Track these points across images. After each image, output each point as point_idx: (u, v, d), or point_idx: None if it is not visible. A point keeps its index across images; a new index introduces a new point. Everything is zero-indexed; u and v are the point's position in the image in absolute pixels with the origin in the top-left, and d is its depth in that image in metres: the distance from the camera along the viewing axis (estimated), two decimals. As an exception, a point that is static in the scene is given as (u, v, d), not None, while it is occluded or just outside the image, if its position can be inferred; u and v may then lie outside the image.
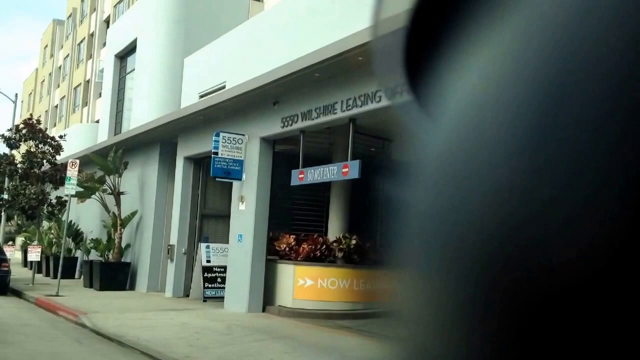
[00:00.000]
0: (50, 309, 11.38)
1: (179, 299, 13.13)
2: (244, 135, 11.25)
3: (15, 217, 23.67)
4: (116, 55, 20.08)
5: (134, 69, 18.58)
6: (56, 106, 40.03)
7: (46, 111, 41.15)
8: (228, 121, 11.75)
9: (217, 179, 11.40)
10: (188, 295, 13.31)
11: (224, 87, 12.88)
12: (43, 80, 45.21)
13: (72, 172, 13.21)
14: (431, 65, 0.34)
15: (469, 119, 0.27)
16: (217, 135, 11.12)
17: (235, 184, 11.56)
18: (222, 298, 11.89)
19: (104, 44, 26.43)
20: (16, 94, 21.61)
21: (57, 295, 12.82)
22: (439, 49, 0.34)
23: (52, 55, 42.99)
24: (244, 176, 11.29)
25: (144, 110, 16.05)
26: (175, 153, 14.38)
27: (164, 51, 16.44)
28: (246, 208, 11.21)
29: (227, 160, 11.10)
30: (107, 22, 30.65)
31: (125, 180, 15.67)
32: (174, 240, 13.93)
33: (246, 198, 11.27)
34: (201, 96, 13.95)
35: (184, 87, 14.67)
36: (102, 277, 14.86)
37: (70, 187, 13.22)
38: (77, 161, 13.67)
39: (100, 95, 29.06)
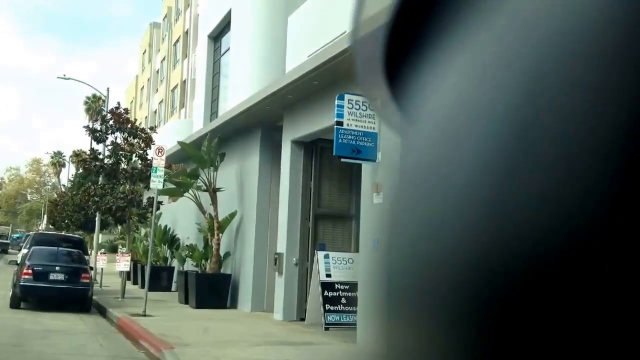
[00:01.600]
0: (132, 334, 8.82)
1: (292, 325, 10.16)
2: (377, 99, 8.07)
3: (112, 222, 22.13)
4: (209, 36, 17.82)
5: (228, 49, 16.14)
6: (155, 111, 39.42)
7: (145, 117, 40.71)
8: (354, 85, 8.63)
9: (342, 160, 8.26)
10: (303, 319, 10.30)
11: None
12: (142, 87, 45.08)
13: (158, 162, 10.71)
14: (411, 67, 0.35)
15: (447, 122, 0.28)
16: (341, 98, 8.02)
17: (366, 167, 8.43)
18: (350, 325, 8.79)
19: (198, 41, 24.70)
20: (107, 88, 20.27)
21: (144, 315, 10.35)
22: (419, 51, 0.34)
23: (150, 60, 42.66)
24: (379, 156, 8.10)
25: (242, 91, 13.38)
26: (279, 140, 11.52)
27: (263, 16, 13.71)
28: (383, 201, 7.99)
29: (355, 133, 7.99)
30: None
31: (221, 175, 13.08)
32: (281, 247, 11.04)
33: (383, 187, 8.06)
34: (312, 59, 10.96)
35: (289, 51, 11.71)
36: (198, 291, 12.31)
37: (157, 180, 10.71)
38: (164, 147, 11.18)
39: (195, 96, 27.50)
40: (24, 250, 15.11)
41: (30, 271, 11.57)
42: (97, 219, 19.48)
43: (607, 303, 0.19)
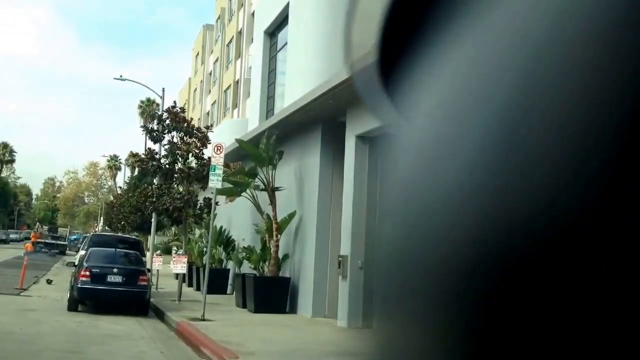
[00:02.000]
0: (192, 341, 8.35)
1: (358, 333, 9.50)
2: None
3: (168, 223, 22.08)
4: (265, 32, 17.39)
5: (285, 44, 15.65)
6: (208, 113, 39.62)
7: (198, 119, 41.01)
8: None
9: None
10: (370, 326, 9.60)
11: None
12: (195, 89, 45.51)
13: (217, 160, 10.27)
14: (405, 65, 0.36)
15: (441, 119, 0.29)
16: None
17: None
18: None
19: (252, 40, 24.41)
20: (163, 89, 20.25)
21: (203, 320, 9.91)
22: (413, 49, 0.35)
23: (202, 62, 42.97)
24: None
25: (300, 87, 12.83)
26: (342, 136, 10.87)
27: (322, 7, 13.11)
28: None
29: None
30: (254, 15, 28.90)
31: (279, 174, 12.55)
32: (345, 249, 10.37)
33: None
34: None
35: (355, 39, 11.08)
36: (256, 295, 11.81)
37: (215, 179, 10.27)
38: (223, 145, 10.73)
39: (249, 95, 27.41)
40: (82, 252, 15.03)
41: (87, 273, 11.33)
42: (153, 220, 19.40)
43: (600, 299, 0.19)
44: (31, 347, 7.17)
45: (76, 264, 13.85)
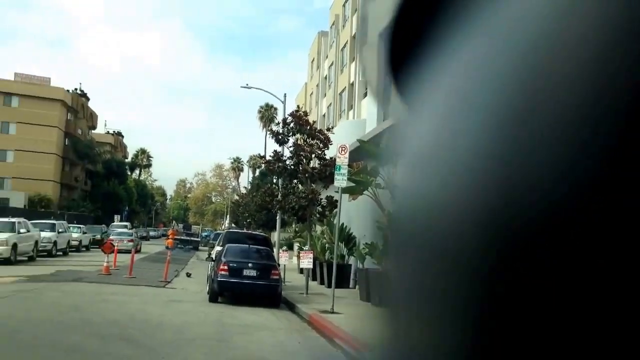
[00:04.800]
0: (326, 333, 8.85)
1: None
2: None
3: (291, 221, 23.08)
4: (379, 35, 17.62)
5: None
6: (324, 115, 40.60)
7: (314, 121, 42.12)
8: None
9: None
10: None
11: None
12: (311, 93, 46.74)
13: (341, 160, 10.73)
14: (414, 62, 0.37)
15: (447, 113, 0.29)
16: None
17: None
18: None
19: (366, 42, 24.75)
20: (284, 94, 21.19)
21: (332, 312, 10.40)
22: (423, 45, 0.36)
23: (318, 67, 44.08)
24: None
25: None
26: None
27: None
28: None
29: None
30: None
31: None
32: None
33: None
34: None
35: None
36: (381, 289, 12.09)
37: (340, 179, 10.73)
38: (347, 146, 11.16)
39: (365, 95, 27.65)
40: (218, 248, 16.21)
41: (226, 267, 12.26)
42: (277, 217, 20.39)
43: (599, 296, 0.19)
44: (184, 335, 8.01)
45: (214, 258, 15.00)
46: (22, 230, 20.00)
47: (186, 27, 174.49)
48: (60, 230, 25.20)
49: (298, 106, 15.98)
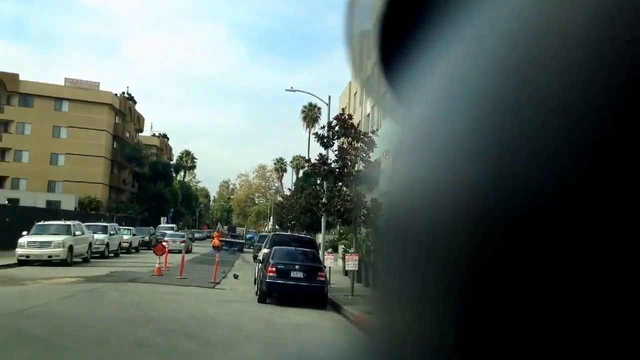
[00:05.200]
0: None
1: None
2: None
3: (335, 223, 23.32)
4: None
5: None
6: (368, 115, 40.65)
7: (359, 121, 42.25)
8: None
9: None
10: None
11: None
12: (355, 93, 46.89)
13: (386, 163, 10.88)
14: (405, 56, 0.37)
15: (438, 108, 0.30)
16: None
17: None
18: None
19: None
20: (329, 96, 21.51)
21: (378, 314, 10.60)
22: (413, 41, 0.36)
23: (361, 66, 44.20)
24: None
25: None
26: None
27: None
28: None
29: None
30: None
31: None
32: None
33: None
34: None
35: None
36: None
37: (385, 182, 10.90)
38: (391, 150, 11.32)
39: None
40: (265, 250, 16.59)
41: (274, 269, 12.62)
42: (322, 220, 20.67)
43: (598, 291, 0.19)
44: (240, 332, 8.39)
45: (261, 260, 15.40)
46: (77, 233, 20.90)
47: (229, 27, 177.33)
48: (111, 232, 26.19)
49: (343, 109, 16.21)
